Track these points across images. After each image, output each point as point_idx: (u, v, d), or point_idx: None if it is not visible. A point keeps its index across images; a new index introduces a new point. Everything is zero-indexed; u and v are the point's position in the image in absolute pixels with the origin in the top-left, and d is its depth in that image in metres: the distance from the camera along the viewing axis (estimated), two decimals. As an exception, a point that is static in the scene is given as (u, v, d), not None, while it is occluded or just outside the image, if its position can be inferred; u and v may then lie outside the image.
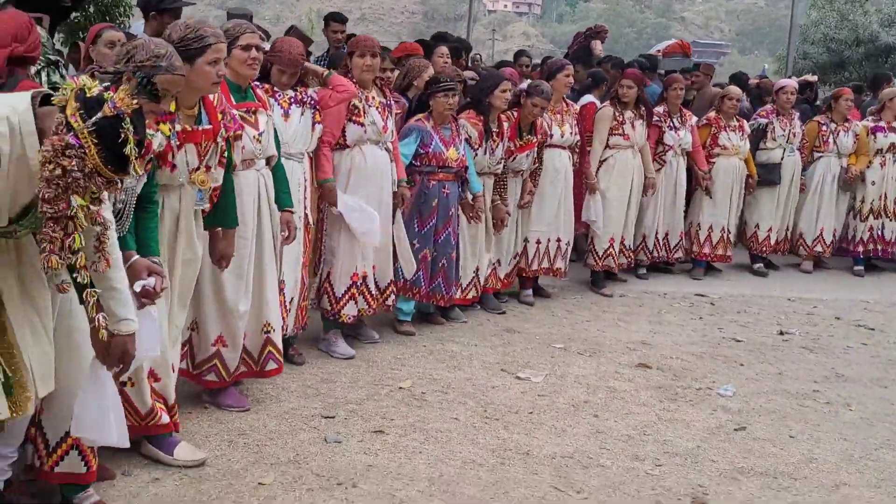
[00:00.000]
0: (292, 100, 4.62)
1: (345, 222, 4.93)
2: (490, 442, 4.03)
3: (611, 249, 7.07)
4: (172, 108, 3.27)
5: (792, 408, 4.74)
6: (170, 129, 3.30)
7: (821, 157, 8.52)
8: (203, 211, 3.63)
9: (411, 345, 5.41)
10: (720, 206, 7.87)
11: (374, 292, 5.21)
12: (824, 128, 8.52)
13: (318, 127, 4.75)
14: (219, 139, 3.55)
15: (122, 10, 13.21)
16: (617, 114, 6.96)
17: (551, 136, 6.41)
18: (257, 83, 4.39)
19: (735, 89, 8.05)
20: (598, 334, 5.95)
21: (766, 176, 8.18)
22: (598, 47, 10.16)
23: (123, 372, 2.77)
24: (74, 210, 2.29)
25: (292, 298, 4.69)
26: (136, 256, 3.02)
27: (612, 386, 4.90)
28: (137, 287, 2.91)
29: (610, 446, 4.08)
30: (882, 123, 8.63)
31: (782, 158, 8.20)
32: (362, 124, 4.97)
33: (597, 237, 7.00)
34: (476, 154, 5.78)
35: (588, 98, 7.41)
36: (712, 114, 7.93)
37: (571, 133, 6.56)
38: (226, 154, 3.65)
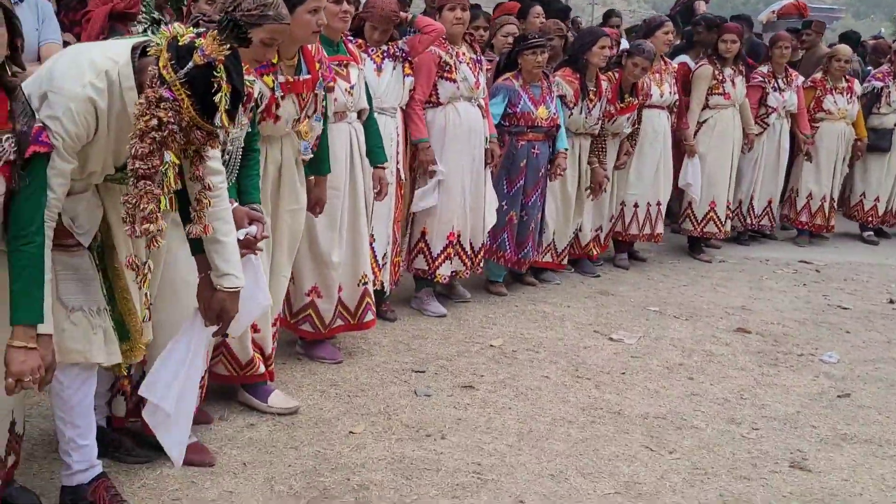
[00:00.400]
0: (385, 54, 4.61)
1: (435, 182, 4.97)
2: (581, 400, 3.98)
3: (711, 214, 6.84)
4: (275, 59, 3.26)
5: (900, 376, 4.54)
6: (273, 81, 3.31)
7: None
8: (304, 160, 3.66)
9: (503, 304, 5.38)
10: (822, 173, 7.50)
11: (468, 252, 5.18)
12: None
13: (409, 80, 4.71)
14: (317, 89, 3.56)
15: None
16: (716, 72, 6.71)
17: (650, 96, 6.23)
18: (350, 38, 4.42)
19: (844, 49, 7.62)
20: (694, 298, 5.80)
21: (876, 142, 7.78)
22: (701, 7, 9.81)
23: (221, 331, 2.74)
24: (167, 166, 2.27)
25: (385, 254, 4.69)
26: (236, 204, 2.95)
27: (709, 350, 4.77)
28: (240, 235, 2.85)
29: (705, 409, 3.98)
30: None
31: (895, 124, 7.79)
32: (454, 80, 4.90)
33: (694, 202, 6.77)
34: (571, 113, 5.62)
35: (682, 58, 7.19)
36: (818, 75, 7.55)
37: (670, 93, 6.37)
38: (324, 103, 3.66)
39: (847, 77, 7.51)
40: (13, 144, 2.24)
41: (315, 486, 3.08)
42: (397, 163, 4.71)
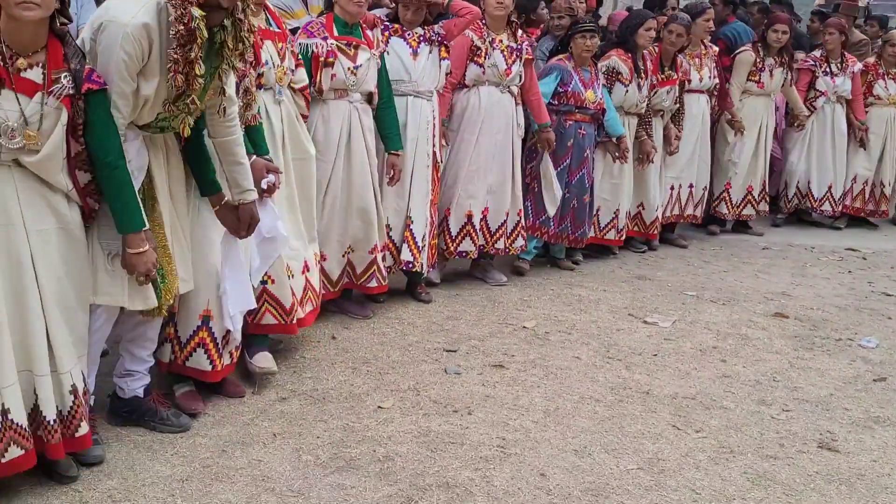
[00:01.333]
0: (421, 38, 4.68)
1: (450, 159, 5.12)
2: (610, 380, 4.00)
3: (749, 197, 6.87)
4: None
5: (941, 362, 4.45)
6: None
7: None
8: (305, 117, 4.00)
9: (538, 288, 5.41)
10: (869, 158, 7.42)
11: (482, 232, 5.23)
12: None
13: (445, 63, 4.77)
14: (288, 43, 3.81)
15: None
16: (758, 60, 6.68)
17: (689, 80, 6.26)
18: (387, 23, 4.54)
19: None
20: (734, 284, 5.75)
21: None
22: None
23: (249, 234, 3.20)
24: (197, 21, 2.62)
25: (424, 235, 4.80)
26: (255, 157, 3.33)
27: (744, 333, 4.74)
28: (264, 184, 3.32)
29: (735, 390, 3.96)
30: None
31: None
32: (481, 65, 4.98)
33: (733, 178, 6.82)
34: (627, 90, 5.79)
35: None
36: (871, 60, 7.47)
37: (710, 77, 6.41)
38: (299, 57, 3.94)
39: None
40: (70, 81, 2.61)
41: (341, 457, 3.15)
42: (434, 145, 4.79)
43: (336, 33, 4.22)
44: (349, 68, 4.22)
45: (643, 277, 5.80)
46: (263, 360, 3.74)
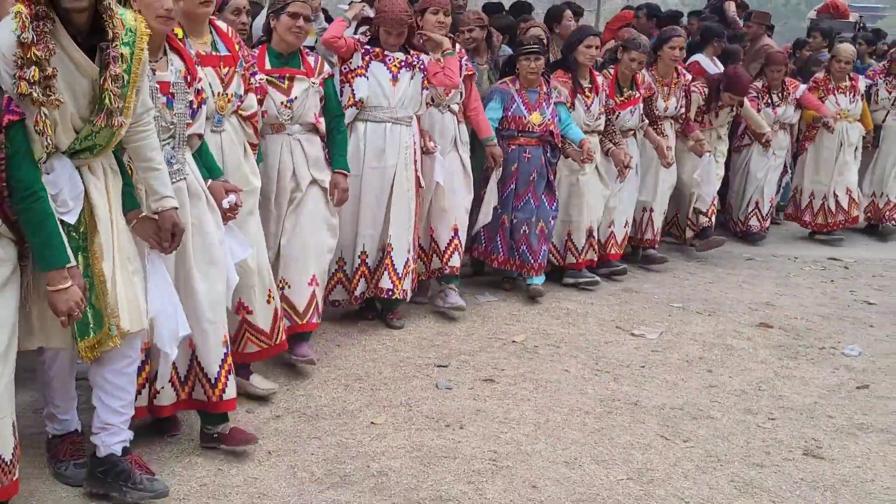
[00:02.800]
0: (403, 63, 4.59)
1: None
2: (599, 392, 4.07)
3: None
4: (179, 33, 3.27)
5: (922, 368, 4.55)
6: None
7: None
8: (253, 145, 3.74)
9: (527, 302, 5.46)
10: (822, 172, 7.45)
11: (433, 251, 5.07)
12: None
13: (427, 93, 4.70)
14: (238, 68, 3.56)
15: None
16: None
17: (656, 108, 6.19)
18: (368, 47, 4.56)
19: (845, 50, 7.43)
20: (719, 295, 5.84)
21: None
22: (731, 9, 9.80)
23: (174, 247, 2.94)
24: (23, 18, 2.46)
25: (406, 262, 4.69)
26: (211, 181, 3.27)
27: (730, 344, 4.82)
28: (225, 205, 3.25)
29: (722, 400, 4.04)
30: None
31: (883, 121, 7.75)
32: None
33: (702, 199, 6.64)
34: (572, 111, 5.58)
35: (697, 56, 7.14)
36: (820, 75, 7.48)
37: (676, 107, 6.33)
38: (251, 81, 3.67)
39: (851, 75, 7.43)
40: None
41: (336, 473, 3.20)
42: (416, 171, 4.69)
43: (268, 66, 4.02)
44: (282, 102, 4.00)
45: (630, 290, 5.88)
46: (262, 381, 3.79)
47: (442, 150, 4.94)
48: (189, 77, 3.15)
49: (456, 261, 5.07)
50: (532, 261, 5.45)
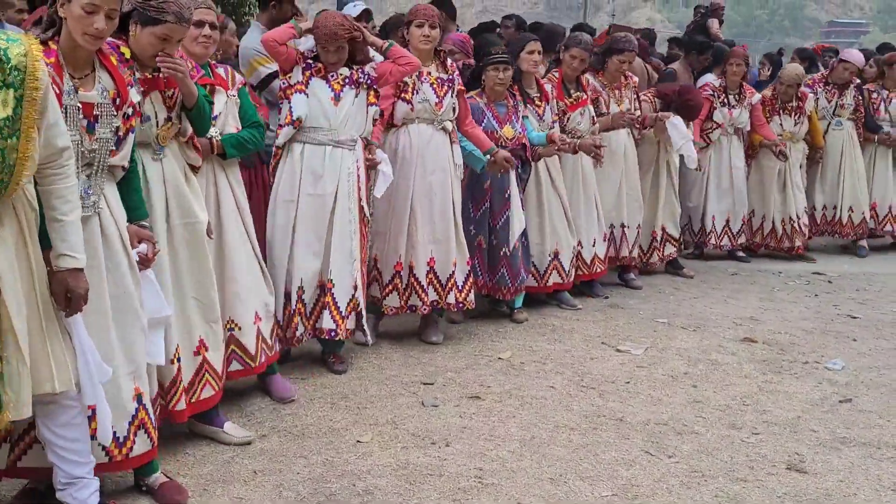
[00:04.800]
0: (346, 80, 4.26)
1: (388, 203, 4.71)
2: (584, 408, 4.09)
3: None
4: (128, 53, 3.04)
5: (904, 382, 4.59)
6: (131, 74, 3.00)
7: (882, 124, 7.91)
8: (195, 168, 3.46)
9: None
10: (765, 193, 7.37)
11: (432, 285, 4.82)
12: (875, 95, 7.94)
13: (373, 109, 4.36)
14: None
15: (247, 9, 13.82)
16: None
17: (608, 112, 6.02)
18: (311, 62, 4.23)
19: (790, 71, 7.36)
20: (704, 310, 5.88)
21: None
22: (714, 26, 9.95)
23: (72, 312, 2.61)
24: None
25: (349, 300, 4.30)
26: (128, 223, 2.97)
27: (714, 359, 4.85)
28: (133, 255, 2.92)
29: (706, 415, 4.06)
30: None
31: (825, 132, 7.72)
32: (409, 102, 4.66)
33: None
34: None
35: (708, 78, 7.26)
36: (768, 93, 7.35)
37: (631, 110, 6.13)
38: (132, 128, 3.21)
39: (799, 94, 7.30)
40: None
41: (321, 492, 3.20)
42: (360, 199, 4.32)
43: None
44: None
45: (615, 306, 5.91)
46: (236, 430, 3.63)
47: (433, 170, 4.74)
48: (119, 100, 2.84)
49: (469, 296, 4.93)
50: (510, 283, 5.28)
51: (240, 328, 3.80)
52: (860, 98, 7.84)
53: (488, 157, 4.94)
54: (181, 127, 3.34)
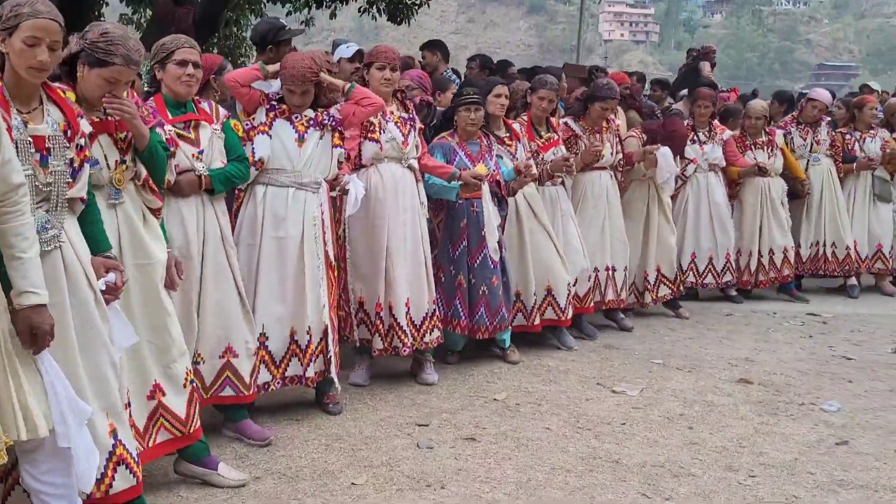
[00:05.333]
0: (311, 122, 4.25)
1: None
2: (580, 450, 4.06)
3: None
4: (73, 97, 2.99)
5: (901, 423, 4.58)
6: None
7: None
8: (157, 212, 3.39)
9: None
10: (745, 229, 7.35)
11: (400, 326, 4.76)
12: (848, 137, 7.95)
13: (337, 151, 4.33)
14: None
15: (243, 51, 13.96)
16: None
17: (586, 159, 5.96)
18: (275, 103, 4.24)
19: (756, 106, 7.45)
20: (699, 351, 5.88)
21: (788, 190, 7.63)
22: (706, 69, 10.06)
23: (39, 350, 2.58)
24: None
25: (318, 343, 4.26)
26: (92, 255, 2.92)
27: (710, 400, 4.84)
28: (101, 285, 2.87)
29: (703, 457, 4.04)
30: None
31: (805, 170, 7.73)
32: (378, 141, 4.65)
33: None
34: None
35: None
36: (737, 132, 7.40)
37: (612, 153, 6.14)
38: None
39: (767, 130, 7.44)
40: None
41: (316, 535, 3.17)
42: (325, 244, 4.28)
43: (170, 116, 3.70)
44: (193, 154, 3.72)
45: (610, 346, 5.91)
46: (230, 471, 3.60)
47: (404, 208, 4.73)
48: (70, 131, 2.78)
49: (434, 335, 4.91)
50: (488, 322, 5.19)
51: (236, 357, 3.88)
52: (834, 134, 7.89)
53: (455, 182, 4.94)
54: (136, 170, 3.26)
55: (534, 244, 5.57)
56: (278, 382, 4.23)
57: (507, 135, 5.53)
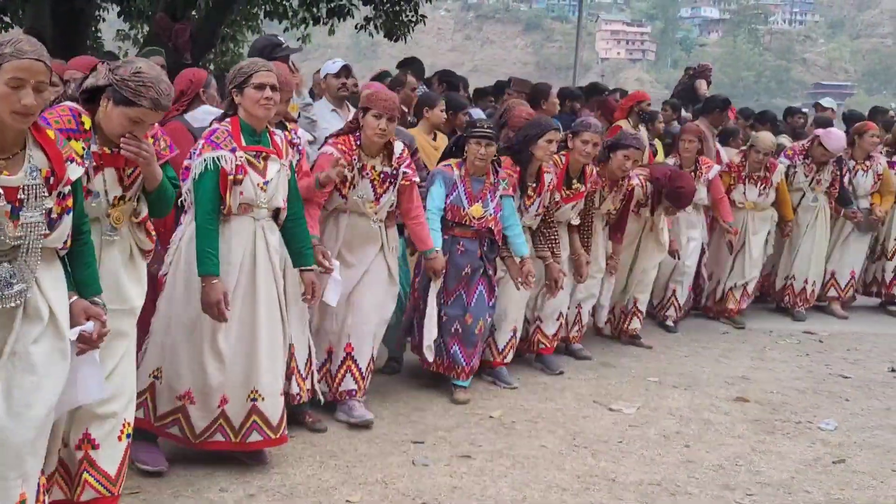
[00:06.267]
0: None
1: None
2: (576, 468, 4.05)
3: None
4: (88, 123, 2.99)
5: (897, 442, 4.57)
6: (83, 148, 2.87)
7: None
8: (146, 252, 3.29)
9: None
10: (722, 259, 7.21)
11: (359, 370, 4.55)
12: (844, 168, 7.61)
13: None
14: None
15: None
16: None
17: (598, 208, 5.80)
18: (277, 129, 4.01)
19: (765, 140, 7.01)
20: (695, 369, 5.87)
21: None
22: (702, 87, 10.10)
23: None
24: None
25: (306, 362, 4.24)
26: (75, 298, 2.74)
27: (707, 418, 4.83)
28: (73, 334, 2.67)
29: (699, 475, 4.02)
30: None
31: (799, 204, 7.44)
32: (345, 197, 4.38)
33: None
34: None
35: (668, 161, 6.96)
36: (737, 160, 7.11)
37: (616, 206, 5.93)
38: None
39: (767, 165, 7.07)
40: None
41: (310, 553, 3.15)
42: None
43: (244, 143, 3.66)
44: (259, 184, 3.67)
45: (607, 364, 5.89)
46: None
47: (364, 257, 4.48)
48: (53, 178, 2.57)
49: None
50: (464, 363, 4.95)
51: (262, 398, 3.77)
52: (838, 173, 7.49)
53: (424, 257, 4.71)
54: (137, 208, 3.19)
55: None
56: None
57: (535, 184, 5.19)
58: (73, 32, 8.88)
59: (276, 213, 3.83)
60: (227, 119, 3.74)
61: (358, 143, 4.39)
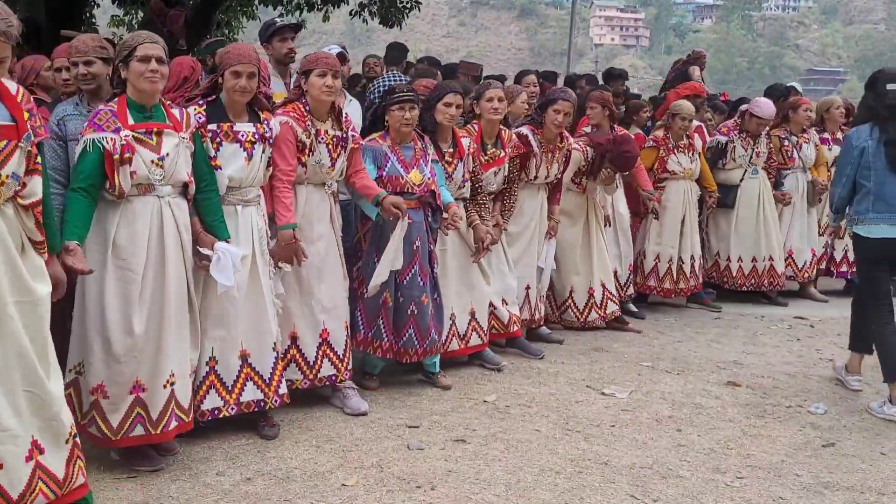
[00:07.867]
0: (256, 136, 4.03)
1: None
2: (569, 452, 4.09)
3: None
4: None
5: (886, 426, 4.62)
6: None
7: (788, 173, 7.71)
8: (38, 245, 2.99)
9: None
10: (667, 235, 7.03)
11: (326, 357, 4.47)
12: (786, 142, 7.69)
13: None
14: (23, 142, 2.82)
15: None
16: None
17: (536, 176, 5.64)
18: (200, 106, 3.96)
19: (687, 106, 7.00)
20: (687, 354, 5.92)
21: (721, 199, 7.39)
22: (695, 73, 10.11)
23: None
24: None
25: (273, 365, 4.13)
26: None
27: (698, 402, 4.88)
28: None
29: (691, 459, 4.07)
30: (826, 135, 8.07)
31: (741, 180, 7.43)
32: (304, 164, 4.26)
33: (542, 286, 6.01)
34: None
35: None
36: (660, 133, 7.03)
37: (557, 174, 5.78)
38: (38, 160, 2.92)
39: (688, 133, 7.06)
40: None
41: (306, 536, 3.19)
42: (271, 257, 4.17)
43: (131, 121, 3.54)
44: (153, 160, 3.55)
45: (600, 349, 5.94)
46: None
47: (317, 237, 4.38)
48: None
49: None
50: (417, 345, 4.78)
51: (175, 382, 3.72)
52: (770, 146, 7.58)
53: (378, 203, 4.46)
54: (22, 192, 2.85)
55: (459, 265, 5.19)
56: (233, 408, 4.02)
57: (452, 150, 5.04)
58: (67, 18, 8.88)
59: (184, 189, 3.73)
60: (115, 99, 3.62)
61: (307, 108, 4.31)
